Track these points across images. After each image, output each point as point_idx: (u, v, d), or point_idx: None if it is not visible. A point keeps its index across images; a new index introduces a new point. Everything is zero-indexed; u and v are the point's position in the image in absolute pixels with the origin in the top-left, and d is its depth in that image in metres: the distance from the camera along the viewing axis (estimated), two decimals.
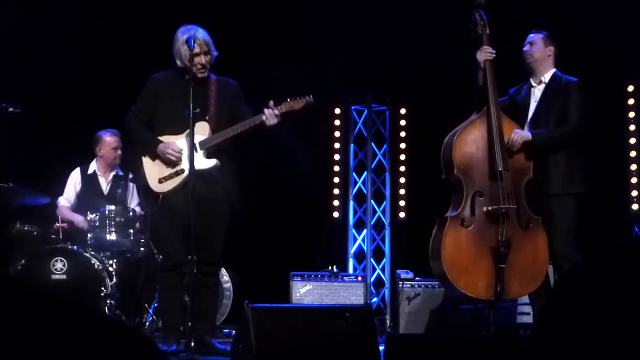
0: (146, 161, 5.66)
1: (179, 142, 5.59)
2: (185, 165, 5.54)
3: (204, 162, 5.51)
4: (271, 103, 5.51)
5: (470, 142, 5.80)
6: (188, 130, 5.47)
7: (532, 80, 5.91)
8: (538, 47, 5.87)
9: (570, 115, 5.71)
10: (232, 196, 5.65)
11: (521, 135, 5.71)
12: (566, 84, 5.79)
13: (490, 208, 5.67)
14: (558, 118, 5.73)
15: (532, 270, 5.64)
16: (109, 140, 7.13)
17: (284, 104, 5.51)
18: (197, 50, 5.44)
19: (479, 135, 5.78)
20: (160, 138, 5.61)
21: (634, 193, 7.79)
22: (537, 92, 5.87)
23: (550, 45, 5.89)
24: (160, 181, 5.61)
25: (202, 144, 5.52)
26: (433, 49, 7.77)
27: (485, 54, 5.83)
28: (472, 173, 5.77)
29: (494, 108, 5.74)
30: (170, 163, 5.58)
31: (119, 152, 7.14)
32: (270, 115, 5.46)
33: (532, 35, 5.94)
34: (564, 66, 5.95)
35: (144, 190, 5.84)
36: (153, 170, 5.63)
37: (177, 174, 5.57)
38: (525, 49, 5.91)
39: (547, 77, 5.87)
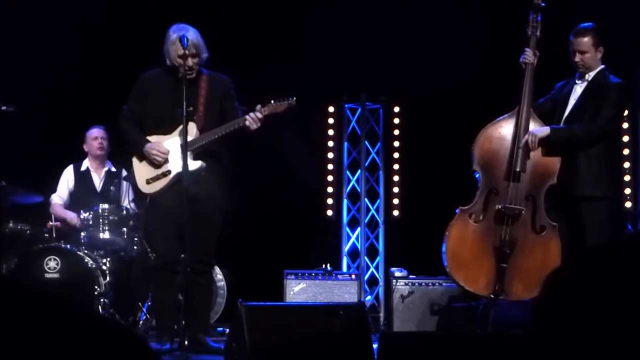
0: (135, 161, 5.67)
1: (168, 142, 5.58)
2: (171, 166, 5.54)
3: (189, 164, 5.48)
4: (258, 107, 5.48)
5: (496, 139, 5.78)
6: (176, 130, 5.48)
7: (576, 76, 5.78)
8: (589, 55, 5.66)
9: (600, 115, 5.61)
10: (217, 197, 5.62)
11: (535, 134, 5.63)
12: (607, 85, 5.66)
13: (501, 206, 5.67)
14: (590, 119, 5.63)
15: (538, 275, 5.54)
16: (90, 132, 7.24)
17: (267, 105, 5.47)
18: (185, 51, 5.40)
19: (507, 134, 5.76)
20: (150, 138, 5.60)
21: (627, 191, 7.80)
22: (578, 89, 5.74)
23: (600, 46, 5.66)
24: (148, 182, 5.61)
25: (188, 144, 5.50)
26: (427, 47, 7.77)
27: (527, 56, 5.72)
28: (492, 170, 5.77)
29: (524, 109, 5.69)
30: (157, 163, 5.57)
31: (102, 142, 7.16)
32: (252, 120, 5.42)
33: (579, 40, 5.67)
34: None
35: (134, 189, 5.86)
36: (141, 171, 5.64)
37: (164, 174, 5.57)
38: (576, 59, 5.67)
39: (591, 75, 5.71)
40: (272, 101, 5.49)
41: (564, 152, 5.70)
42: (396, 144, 8.39)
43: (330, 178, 8.36)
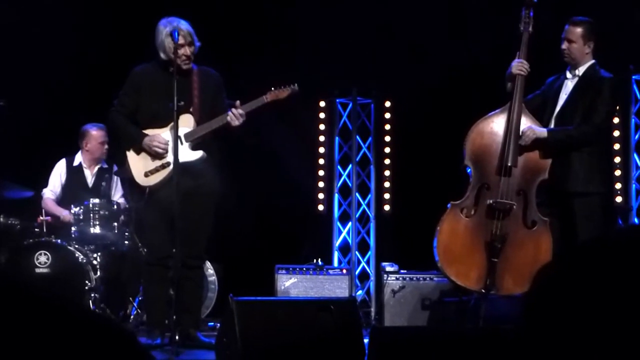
0: (131, 155, 5.65)
1: (164, 135, 5.58)
2: (171, 157, 5.52)
3: (189, 154, 5.50)
4: (237, 103, 5.51)
5: (487, 134, 5.78)
6: (172, 123, 5.46)
7: (567, 71, 5.77)
8: (576, 46, 5.66)
9: (594, 114, 5.61)
10: (217, 188, 5.66)
11: (534, 131, 5.63)
12: (599, 80, 5.65)
13: (492, 201, 5.68)
14: (584, 116, 5.63)
15: (529, 270, 5.52)
16: (95, 134, 7.09)
17: (269, 92, 5.52)
18: (181, 41, 5.42)
19: (498, 129, 5.76)
20: (146, 131, 5.59)
21: (618, 185, 7.82)
22: (569, 85, 5.74)
23: (590, 41, 5.66)
24: (146, 174, 5.60)
25: (187, 136, 5.51)
26: (418, 42, 7.77)
27: (518, 68, 5.69)
28: (483, 165, 5.76)
29: (516, 104, 5.68)
30: (156, 156, 5.56)
31: (106, 146, 7.11)
32: (234, 116, 5.45)
33: (571, 28, 5.69)
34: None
35: (130, 183, 5.85)
36: (138, 164, 5.62)
37: (163, 166, 5.56)
38: (563, 46, 5.68)
39: (582, 70, 5.70)
40: (273, 88, 5.52)
41: (558, 151, 5.71)
42: (387, 138, 8.39)
43: (321, 173, 8.36)
